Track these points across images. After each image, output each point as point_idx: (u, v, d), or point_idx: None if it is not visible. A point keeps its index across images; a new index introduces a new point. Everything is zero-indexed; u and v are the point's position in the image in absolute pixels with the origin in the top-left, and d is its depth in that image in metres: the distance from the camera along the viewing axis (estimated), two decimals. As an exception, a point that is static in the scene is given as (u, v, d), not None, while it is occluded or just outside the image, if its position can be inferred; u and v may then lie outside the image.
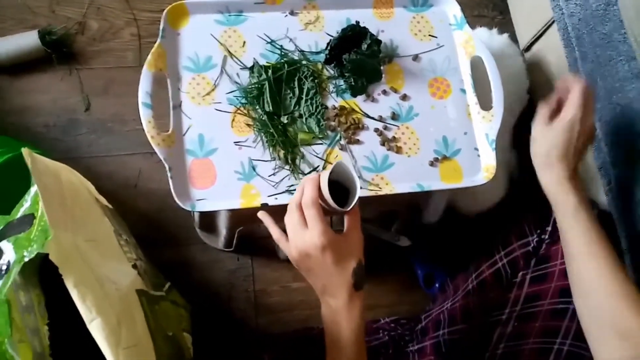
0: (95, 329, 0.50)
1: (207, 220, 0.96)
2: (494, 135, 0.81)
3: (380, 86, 0.82)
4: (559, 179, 0.69)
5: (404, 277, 1.07)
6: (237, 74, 0.79)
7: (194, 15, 0.81)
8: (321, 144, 0.78)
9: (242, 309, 1.01)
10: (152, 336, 0.61)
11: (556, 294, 0.75)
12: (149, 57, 0.75)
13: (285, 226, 0.64)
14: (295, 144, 0.77)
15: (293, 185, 0.75)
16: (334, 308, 0.63)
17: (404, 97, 0.82)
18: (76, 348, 0.61)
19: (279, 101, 0.78)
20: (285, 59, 0.81)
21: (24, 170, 0.64)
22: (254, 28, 0.82)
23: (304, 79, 0.80)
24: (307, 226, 0.62)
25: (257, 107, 0.77)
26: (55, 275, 0.54)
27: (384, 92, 0.82)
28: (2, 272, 0.54)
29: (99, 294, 0.53)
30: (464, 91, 0.85)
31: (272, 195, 0.74)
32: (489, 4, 1.33)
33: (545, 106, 0.73)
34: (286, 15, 0.84)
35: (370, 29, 0.82)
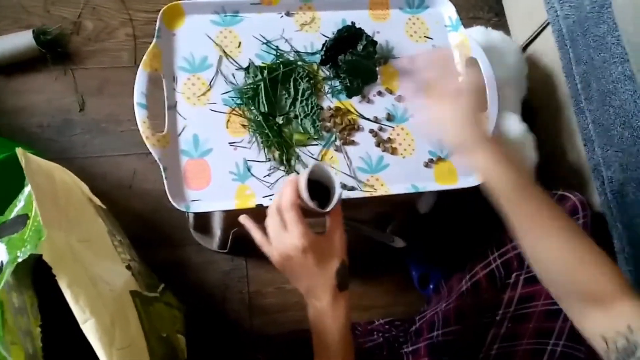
0: (89, 329, 0.50)
1: (202, 221, 0.96)
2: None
3: (376, 87, 0.83)
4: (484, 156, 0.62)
5: (398, 278, 1.07)
6: (233, 75, 0.79)
7: (189, 15, 0.81)
8: (316, 144, 0.78)
9: (237, 310, 1.01)
10: (145, 337, 0.61)
11: (550, 295, 0.75)
12: (145, 57, 0.75)
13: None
14: (291, 145, 0.77)
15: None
16: (318, 309, 0.63)
17: (399, 98, 0.83)
18: (69, 350, 0.61)
19: (275, 102, 0.78)
20: (280, 59, 0.81)
21: (18, 171, 0.64)
22: (249, 29, 0.82)
23: (299, 80, 0.80)
24: (287, 229, 0.62)
25: (252, 107, 0.77)
26: (48, 276, 0.54)
27: (379, 93, 0.82)
28: (-5, 273, 0.54)
29: (92, 294, 0.53)
30: (459, 93, 0.85)
31: (267, 196, 0.74)
32: (484, 6, 1.34)
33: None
34: (282, 16, 0.84)
35: (366, 30, 0.82)
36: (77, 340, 0.55)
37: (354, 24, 0.82)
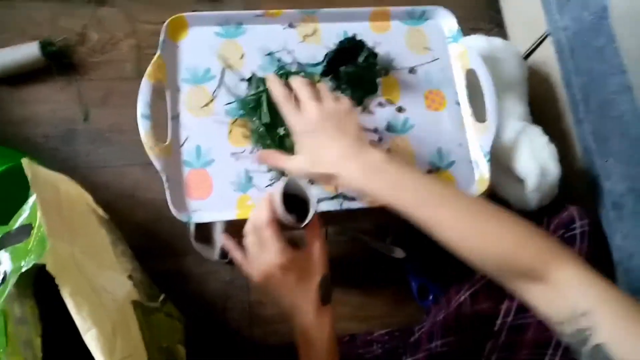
0: (91, 339, 0.51)
1: (203, 231, 0.96)
2: (488, 147, 0.81)
3: (377, 98, 0.83)
4: (345, 177, 0.62)
5: (398, 289, 1.07)
6: (236, 86, 0.80)
7: (193, 27, 0.82)
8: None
9: (237, 319, 1.01)
10: (146, 347, 0.61)
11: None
12: (149, 69, 0.76)
13: None
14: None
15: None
16: (303, 325, 0.63)
17: (400, 109, 0.83)
18: (69, 360, 0.61)
19: (277, 113, 0.79)
20: (283, 70, 0.82)
21: (23, 180, 0.65)
22: (252, 40, 0.83)
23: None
24: (265, 247, 0.62)
25: (254, 118, 0.78)
26: (49, 287, 0.54)
27: (380, 104, 0.83)
28: (-1, 282, 0.54)
29: (94, 304, 0.53)
30: (458, 103, 0.86)
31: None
32: (485, 17, 1.35)
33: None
34: (285, 28, 0.85)
35: (367, 42, 0.83)
36: (77, 351, 0.55)
37: (355, 35, 0.83)
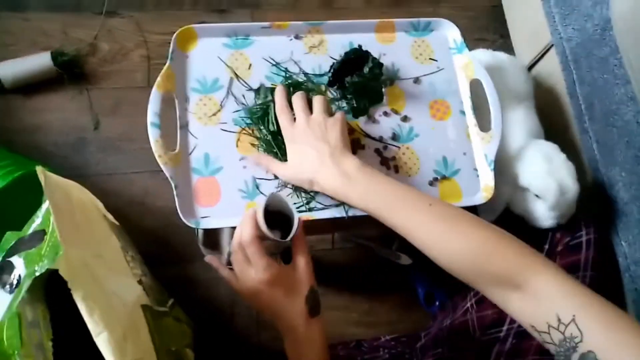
0: (102, 342, 0.52)
1: (211, 237, 0.97)
2: (492, 155, 0.82)
3: (382, 108, 0.85)
4: (325, 179, 0.69)
5: (404, 296, 1.08)
6: (243, 96, 0.81)
7: (202, 38, 0.84)
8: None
9: (245, 325, 1.02)
10: (156, 350, 0.63)
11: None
12: (159, 79, 0.77)
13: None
14: None
15: (295, 203, 0.76)
16: (294, 338, 0.63)
17: (405, 119, 0.84)
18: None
19: None
20: (289, 81, 0.83)
21: (35, 188, 0.66)
22: (260, 51, 0.85)
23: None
24: (251, 264, 0.63)
25: (261, 127, 0.79)
26: (60, 291, 0.55)
27: (385, 113, 0.84)
28: (13, 287, 0.55)
29: (106, 308, 0.54)
30: (463, 113, 0.87)
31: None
32: (489, 28, 1.36)
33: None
34: (291, 39, 0.87)
35: (373, 53, 0.84)
36: (88, 355, 0.56)
37: (360, 46, 0.84)
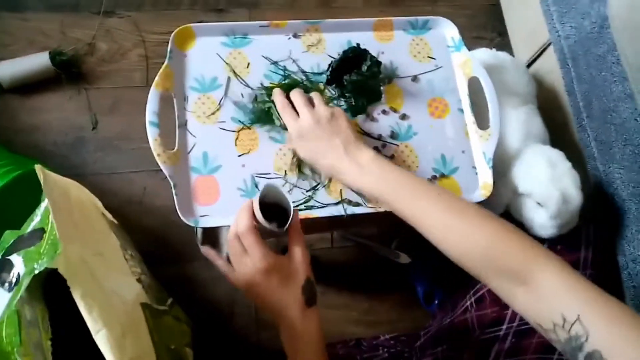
0: (101, 340, 0.52)
1: (210, 236, 0.97)
2: (491, 153, 0.82)
3: (380, 106, 0.85)
4: (357, 162, 0.69)
5: (404, 295, 1.08)
6: (242, 94, 0.82)
7: (200, 37, 0.84)
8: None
9: (244, 324, 1.02)
10: (155, 348, 0.63)
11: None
12: (157, 78, 0.77)
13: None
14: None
15: (294, 201, 0.76)
16: (289, 329, 0.63)
17: (403, 117, 0.85)
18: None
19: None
20: (288, 80, 0.83)
21: (34, 187, 0.66)
22: (258, 50, 0.85)
23: (305, 99, 0.82)
24: (248, 254, 0.63)
25: (264, 125, 0.79)
26: (59, 291, 0.55)
27: (383, 111, 0.84)
28: (12, 285, 0.55)
29: (105, 306, 0.54)
30: (461, 111, 0.87)
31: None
32: (487, 26, 1.37)
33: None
34: (289, 38, 0.87)
35: (371, 51, 0.84)
36: (88, 354, 0.56)
37: (359, 45, 0.84)
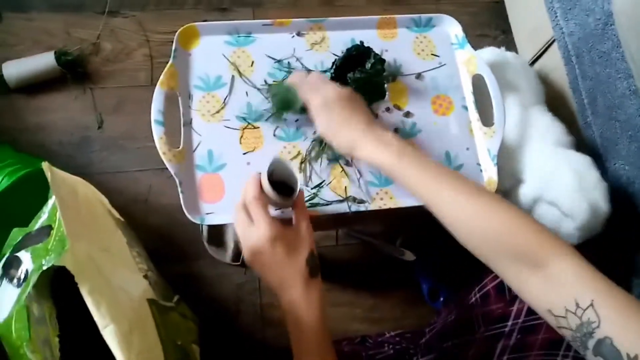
0: (109, 334, 0.52)
1: (215, 234, 0.98)
2: (495, 150, 0.82)
3: (384, 104, 0.85)
4: (369, 145, 0.68)
5: (409, 291, 1.08)
6: (246, 93, 0.82)
7: (204, 36, 0.84)
8: (326, 160, 0.80)
9: (250, 322, 1.03)
10: (162, 344, 0.63)
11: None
12: (162, 77, 0.78)
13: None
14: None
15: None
16: (292, 299, 0.64)
17: (408, 114, 0.85)
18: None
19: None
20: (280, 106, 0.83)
21: (40, 186, 0.67)
22: (262, 48, 0.85)
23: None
24: (254, 223, 0.63)
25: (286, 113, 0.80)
26: (67, 289, 0.56)
27: (387, 109, 0.85)
28: (21, 281, 0.56)
29: (112, 301, 0.55)
30: (465, 108, 0.87)
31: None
32: (491, 24, 1.36)
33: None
34: (293, 36, 0.87)
35: (375, 49, 0.84)
36: (93, 351, 0.57)
37: (362, 43, 0.84)
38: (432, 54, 0.90)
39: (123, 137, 1.13)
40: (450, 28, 0.91)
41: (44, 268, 0.53)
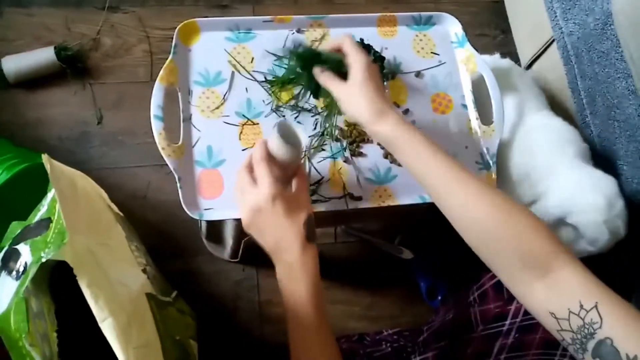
0: (107, 328, 0.52)
1: (214, 230, 0.98)
2: (494, 149, 0.83)
3: (384, 101, 0.85)
4: (396, 120, 0.66)
5: (406, 290, 1.08)
6: (246, 89, 0.82)
7: (204, 32, 0.84)
8: (326, 156, 0.80)
9: (248, 319, 1.03)
10: (160, 338, 0.63)
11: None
12: (162, 72, 0.78)
13: None
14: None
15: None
16: (288, 262, 0.64)
17: (407, 112, 0.85)
18: (82, 356, 0.63)
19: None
20: (292, 75, 0.83)
21: (39, 180, 0.67)
22: (262, 45, 0.85)
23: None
24: (257, 182, 0.64)
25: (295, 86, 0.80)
26: (65, 283, 0.56)
27: (387, 106, 0.85)
28: (20, 274, 0.56)
29: (110, 294, 0.55)
30: (465, 106, 0.87)
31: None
32: (491, 23, 1.37)
33: (325, 70, 0.72)
34: (293, 33, 0.87)
35: (374, 47, 0.84)
36: (91, 346, 0.57)
37: (362, 40, 0.84)
38: (432, 52, 0.90)
39: (122, 133, 1.13)
40: (450, 26, 0.92)
41: (43, 260, 0.53)
